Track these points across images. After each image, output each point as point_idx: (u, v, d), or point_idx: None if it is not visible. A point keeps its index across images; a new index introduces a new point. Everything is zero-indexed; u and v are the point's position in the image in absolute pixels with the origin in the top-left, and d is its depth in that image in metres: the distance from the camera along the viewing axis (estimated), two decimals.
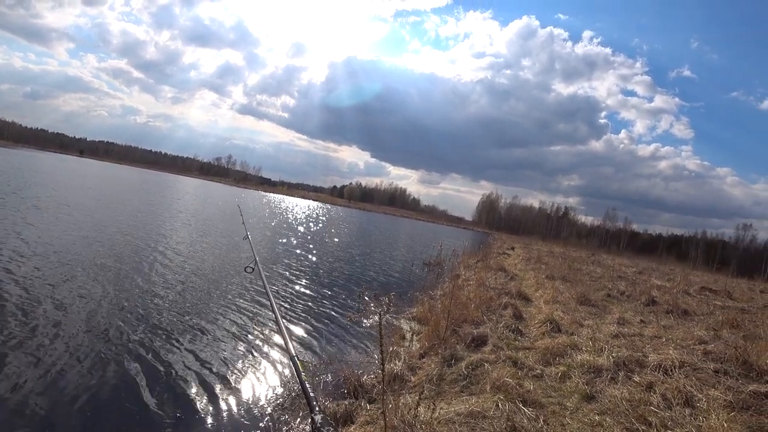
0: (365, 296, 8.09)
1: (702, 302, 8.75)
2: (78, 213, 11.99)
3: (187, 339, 4.65)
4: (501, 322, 5.57)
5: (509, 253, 21.92)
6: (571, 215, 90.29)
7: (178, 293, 6.23)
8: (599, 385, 3.62)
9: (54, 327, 4.26)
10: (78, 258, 7.02)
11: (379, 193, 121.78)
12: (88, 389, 3.32)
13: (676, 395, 3.26)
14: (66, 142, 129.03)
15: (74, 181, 25.26)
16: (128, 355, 3.99)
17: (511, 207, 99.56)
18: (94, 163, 72.10)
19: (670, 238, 70.76)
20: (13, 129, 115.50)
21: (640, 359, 4.11)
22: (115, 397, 3.30)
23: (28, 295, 4.97)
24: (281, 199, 64.04)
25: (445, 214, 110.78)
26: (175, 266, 7.85)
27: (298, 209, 43.74)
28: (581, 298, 7.58)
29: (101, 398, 3.26)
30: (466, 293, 7.10)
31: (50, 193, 15.62)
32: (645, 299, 8.18)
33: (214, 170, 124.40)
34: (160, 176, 70.34)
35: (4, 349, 3.66)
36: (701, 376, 3.68)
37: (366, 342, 5.63)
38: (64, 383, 3.33)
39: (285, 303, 6.76)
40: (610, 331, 5.42)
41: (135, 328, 4.65)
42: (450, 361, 4.26)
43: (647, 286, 10.30)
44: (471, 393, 3.52)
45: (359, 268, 11.98)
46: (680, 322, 6.43)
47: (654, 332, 5.49)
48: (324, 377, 4.21)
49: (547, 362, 4.24)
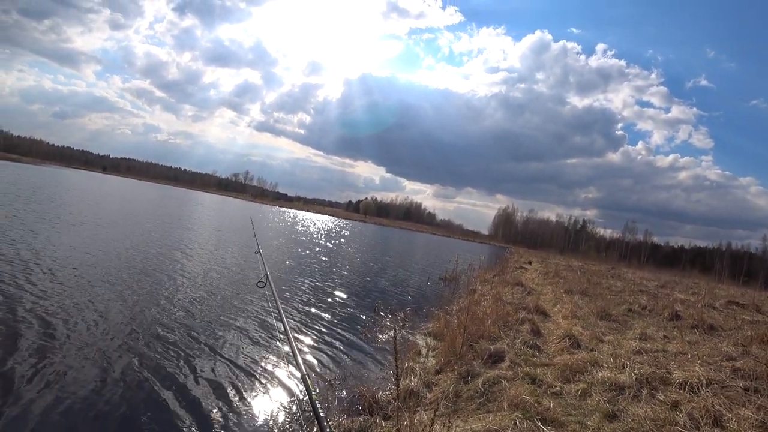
0: (380, 311, 8.04)
1: (729, 317, 8.42)
2: (104, 226, 12.30)
3: (197, 353, 4.68)
4: (518, 338, 5.47)
5: (526, 268, 21.61)
6: (589, 228, 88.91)
7: (191, 306, 6.30)
8: (621, 403, 3.51)
9: (69, 332, 4.37)
10: (103, 267, 7.17)
11: (394, 208, 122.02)
12: (97, 402, 3.36)
13: (704, 414, 3.13)
14: (90, 159, 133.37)
15: (98, 197, 25.98)
16: (140, 369, 4.04)
17: (527, 221, 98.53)
18: (116, 179, 74.18)
19: (694, 251, 68.74)
20: (41, 147, 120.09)
21: (664, 376, 3.97)
22: (126, 412, 3.33)
23: (49, 302, 5.10)
24: (297, 215, 64.56)
25: (460, 229, 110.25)
26: (190, 279, 7.95)
27: (314, 224, 44.02)
28: (601, 313, 7.40)
29: (111, 413, 3.29)
30: (483, 308, 7.00)
31: (78, 208, 16.09)
32: (668, 314, 7.93)
33: (232, 186, 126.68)
34: (179, 192, 71.83)
35: (21, 355, 3.74)
36: (730, 394, 3.53)
37: (381, 357, 5.58)
38: (76, 391, 3.39)
39: (299, 316, 6.77)
40: (632, 347, 5.26)
41: (148, 339, 4.71)
42: (466, 378, 4.19)
43: (670, 300, 9.99)
44: (488, 410, 3.45)
45: (374, 283, 11.95)
46: (706, 338, 6.20)
47: (678, 348, 5.31)
48: (338, 393, 4.18)
49: (566, 379, 4.13)
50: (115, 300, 5.90)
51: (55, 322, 4.73)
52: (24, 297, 5.31)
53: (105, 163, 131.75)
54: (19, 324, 4.49)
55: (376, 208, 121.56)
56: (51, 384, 3.45)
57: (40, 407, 3.12)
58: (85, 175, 70.72)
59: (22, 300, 5.20)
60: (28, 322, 4.57)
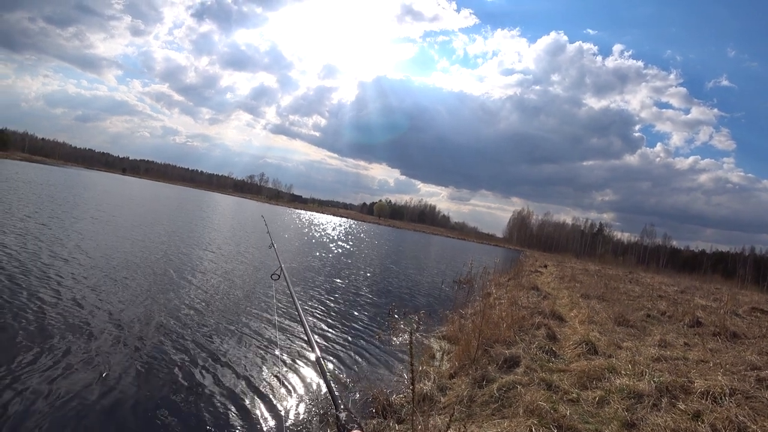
0: (394, 314, 8.03)
1: (753, 324, 8.18)
2: (127, 226, 12.57)
3: (217, 341, 4.89)
4: (534, 343, 5.39)
5: (542, 271, 21.33)
6: (606, 231, 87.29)
7: (209, 299, 6.42)
8: (640, 411, 3.44)
9: (89, 329, 4.47)
10: (125, 263, 7.33)
11: (408, 210, 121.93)
12: (126, 392, 3.43)
13: (727, 426, 3.04)
14: (111, 161, 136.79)
15: (120, 198, 26.56)
16: (163, 355, 4.15)
17: (543, 223, 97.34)
18: (135, 181, 75.88)
19: (715, 255, 66.81)
20: (64, 149, 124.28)
21: (684, 385, 3.87)
22: (154, 391, 3.44)
23: (75, 295, 5.24)
24: (311, 216, 64.99)
25: (475, 231, 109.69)
26: (209, 273, 8.06)
27: (328, 226, 44.22)
28: (619, 319, 7.26)
29: (138, 394, 3.43)
30: (498, 312, 6.93)
31: (100, 208, 16.48)
32: (689, 320, 7.74)
33: (248, 188, 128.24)
34: (196, 193, 73.03)
35: (33, 347, 3.84)
36: (755, 405, 3.42)
37: (395, 360, 5.57)
38: (96, 386, 3.47)
39: (311, 318, 6.82)
40: (651, 353, 5.14)
41: (169, 328, 4.84)
42: (481, 383, 4.15)
43: (691, 306, 9.74)
44: (503, 416, 3.41)
45: (388, 286, 11.94)
46: (729, 346, 6.04)
47: (700, 356, 5.18)
48: (352, 395, 4.18)
49: (583, 386, 4.06)
50: (141, 290, 6.03)
51: (93, 310, 4.96)
52: (53, 288, 5.47)
53: (125, 165, 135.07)
54: (42, 313, 4.62)
55: (390, 210, 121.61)
56: (80, 372, 3.54)
57: (67, 398, 3.20)
58: (106, 176, 72.38)
59: (46, 289, 5.36)
60: (48, 313, 4.69)
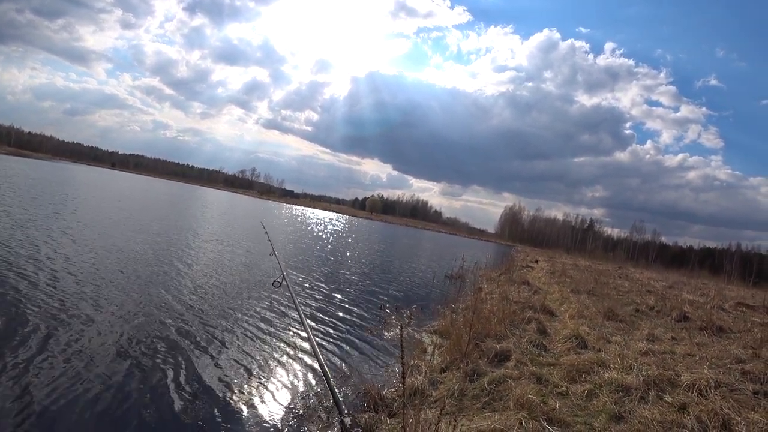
0: (386, 309, 8.05)
1: (738, 318, 8.34)
2: (112, 223, 12.42)
3: (218, 345, 4.79)
4: (524, 337, 5.45)
5: (533, 266, 21.52)
6: (596, 227, 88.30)
7: (209, 303, 6.36)
8: (628, 404, 3.49)
9: (83, 327, 4.41)
10: (118, 262, 7.26)
11: (400, 206, 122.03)
12: (120, 396, 3.39)
13: (712, 418, 3.10)
14: (99, 155, 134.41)
15: (108, 193, 26.24)
16: (161, 358, 4.09)
17: (534, 219, 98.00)
18: (125, 175, 74.87)
19: (703, 251, 67.84)
20: (51, 143, 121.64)
21: (671, 378, 3.94)
22: (147, 399, 3.39)
23: (62, 295, 5.17)
24: (303, 211, 64.75)
25: (467, 227, 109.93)
26: (208, 277, 8.02)
27: (320, 221, 44.12)
28: (608, 313, 7.35)
29: (132, 404, 3.35)
30: (489, 307, 6.98)
31: (88, 203, 16.27)
32: (676, 315, 7.86)
33: (239, 183, 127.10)
34: (187, 188, 72.32)
35: (30, 347, 3.79)
36: (739, 397, 3.50)
37: (386, 355, 5.58)
38: (91, 387, 3.42)
39: (303, 312, 6.81)
40: (640, 348, 5.21)
41: (167, 332, 4.78)
42: (472, 377, 4.19)
43: (678, 301, 9.90)
44: (494, 410, 3.45)
45: (380, 280, 11.94)
46: (715, 340, 6.15)
47: (686, 350, 5.27)
48: (344, 389, 4.19)
49: (572, 379, 4.11)
50: (138, 289, 5.97)
51: (85, 308, 4.85)
52: (41, 287, 5.39)
53: (114, 159, 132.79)
54: (36, 312, 4.56)
55: (382, 205, 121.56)
56: (76, 370, 3.51)
57: (44, 400, 3.17)
58: (94, 171, 71.31)
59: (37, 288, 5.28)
60: (39, 311, 4.64)
